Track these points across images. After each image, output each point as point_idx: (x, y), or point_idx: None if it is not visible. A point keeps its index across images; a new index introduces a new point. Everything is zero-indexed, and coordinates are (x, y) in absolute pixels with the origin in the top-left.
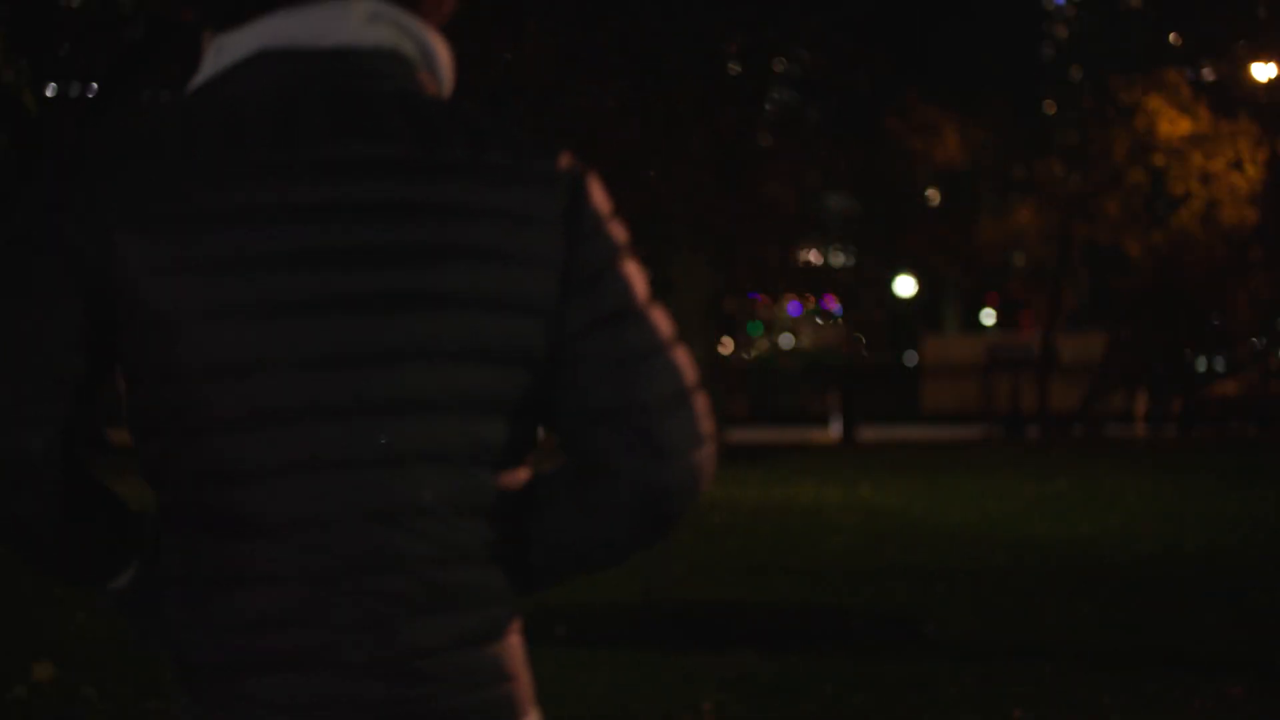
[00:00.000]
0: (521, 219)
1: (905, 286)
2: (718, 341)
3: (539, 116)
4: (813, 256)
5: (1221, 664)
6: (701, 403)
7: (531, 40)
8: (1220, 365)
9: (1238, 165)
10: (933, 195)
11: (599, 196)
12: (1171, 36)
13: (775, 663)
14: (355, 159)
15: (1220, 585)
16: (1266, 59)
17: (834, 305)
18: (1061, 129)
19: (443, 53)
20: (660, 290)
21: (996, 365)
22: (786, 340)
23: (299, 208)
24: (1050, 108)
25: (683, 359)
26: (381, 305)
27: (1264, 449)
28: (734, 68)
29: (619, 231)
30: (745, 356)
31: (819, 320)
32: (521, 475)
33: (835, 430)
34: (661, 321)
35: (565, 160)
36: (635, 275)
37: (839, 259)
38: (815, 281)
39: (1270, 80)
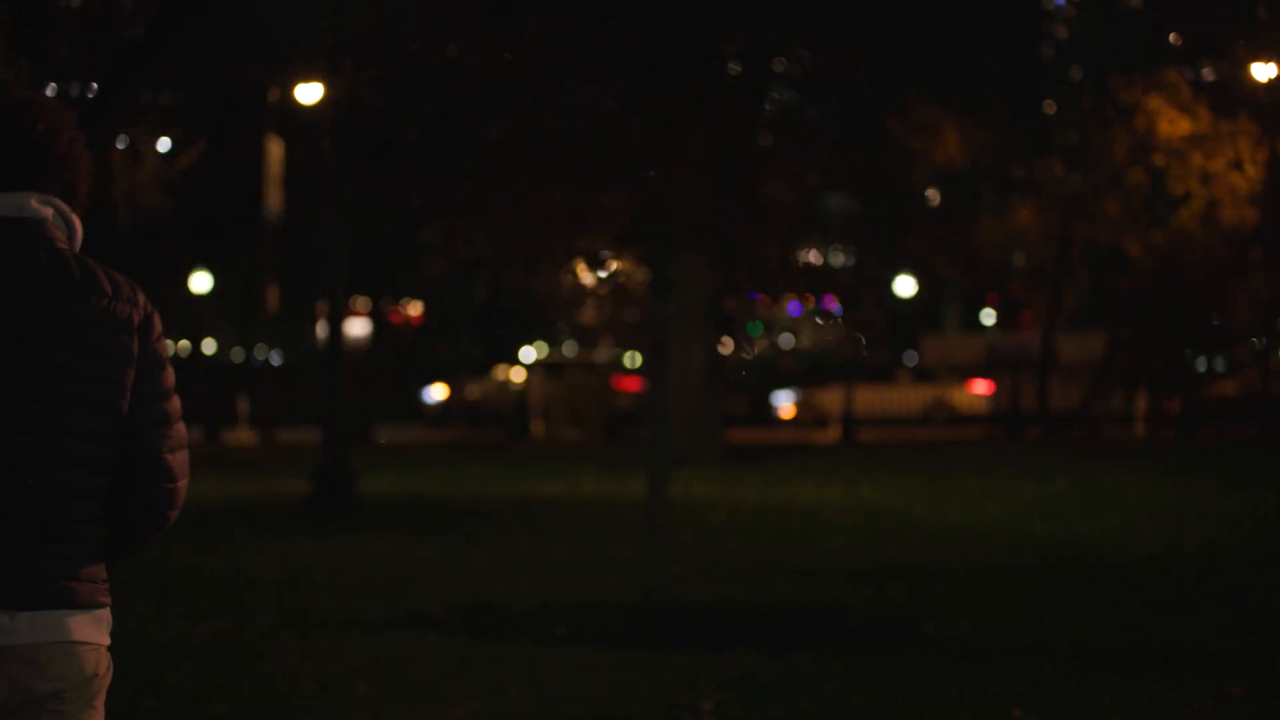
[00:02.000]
0: (115, 328)
1: (905, 286)
2: (718, 341)
3: (539, 116)
4: (813, 256)
5: (1221, 664)
6: (188, 452)
7: (531, 40)
8: (1220, 365)
9: (1238, 165)
10: (933, 195)
11: (159, 320)
12: (1171, 36)
13: (775, 663)
14: (22, 287)
15: (1220, 585)
16: (1266, 59)
17: (834, 305)
18: (1061, 129)
19: (77, 224)
20: (660, 290)
21: (996, 365)
22: (786, 340)
23: None
24: (1050, 108)
25: (182, 426)
26: (31, 372)
27: (1264, 449)
28: (734, 68)
29: (166, 346)
30: (746, 356)
31: (819, 320)
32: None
33: (835, 431)
34: (176, 401)
35: (141, 295)
36: (169, 372)
37: (839, 259)
38: (815, 281)
39: (1270, 80)
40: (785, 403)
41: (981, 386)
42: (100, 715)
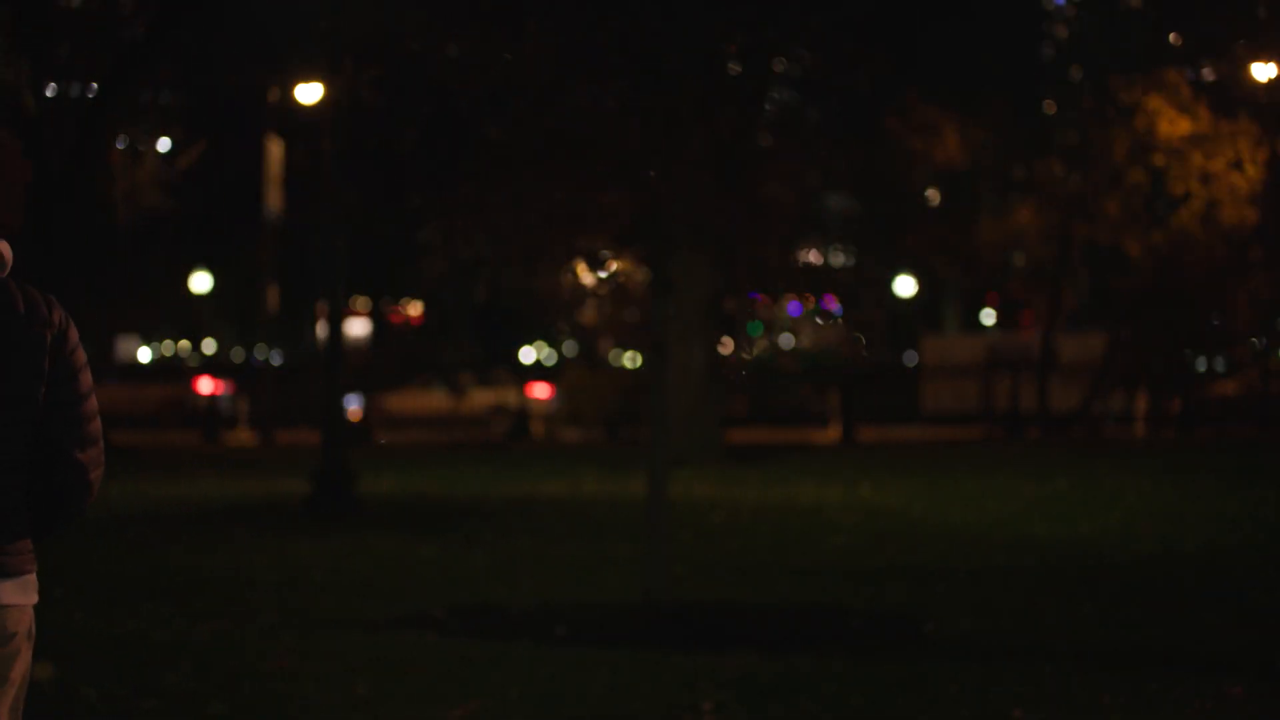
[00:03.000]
0: (32, 346)
1: (905, 286)
2: (718, 341)
3: (539, 116)
4: (813, 256)
5: (1221, 664)
6: (101, 446)
7: (531, 40)
8: (1220, 365)
9: (1238, 165)
10: (933, 195)
11: (74, 332)
12: (1171, 36)
13: (775, 663)
14: None
15: (1220, 585)
16: (1266, 59)
17: (834, 305)
18: (1061, 129)
19: (6, 252)
20: (660, 290)
21: (996, 365)
22: (786, 340)
23: None
24: (1050, 108)
25: (98, 423)
26: None
27: (1264, 449)
28: (734, 68)
29: (81, 355)
30: (745, 356)
31: (819, 320)
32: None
33: (835, 430)
34: (93, 402)
35: (57, 313)
36: (87, 378)
37: (839, 259)
38: (815, 281)
39: (1270, 80)
40: (353, 406)
41: (541, 390)
42: (26, 665)
